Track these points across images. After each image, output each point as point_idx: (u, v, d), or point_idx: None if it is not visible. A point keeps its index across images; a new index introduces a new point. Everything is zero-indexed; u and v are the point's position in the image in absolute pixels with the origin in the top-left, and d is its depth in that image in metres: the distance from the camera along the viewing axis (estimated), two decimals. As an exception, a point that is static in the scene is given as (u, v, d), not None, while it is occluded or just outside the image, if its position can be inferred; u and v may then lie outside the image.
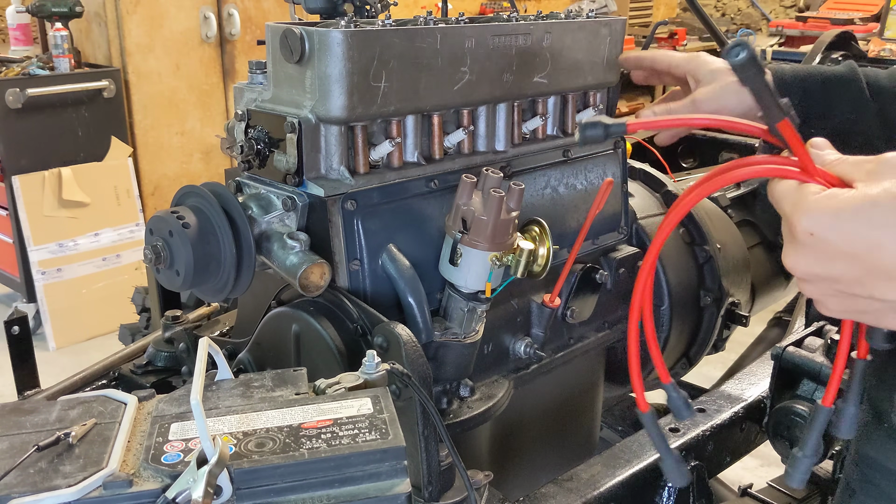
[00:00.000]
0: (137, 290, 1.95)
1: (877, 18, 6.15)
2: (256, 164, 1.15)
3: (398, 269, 1.13)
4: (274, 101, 1.15)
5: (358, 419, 0.79)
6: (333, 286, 1.11)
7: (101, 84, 4.05)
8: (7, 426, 0.81)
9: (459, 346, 1.14)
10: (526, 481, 1.40)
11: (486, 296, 1.13)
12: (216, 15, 4.47)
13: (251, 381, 0.90)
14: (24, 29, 4.43)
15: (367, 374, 0.89)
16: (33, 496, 0.69)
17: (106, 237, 4.21)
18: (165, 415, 0.82)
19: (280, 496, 0.73)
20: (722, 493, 1.96)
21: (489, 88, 1.24)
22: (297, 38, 1.07)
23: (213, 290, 1.13)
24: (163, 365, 1.45)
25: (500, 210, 1.06)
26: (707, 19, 1.97)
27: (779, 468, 2.20)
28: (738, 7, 8.30)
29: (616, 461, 1.24)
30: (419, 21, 1.17)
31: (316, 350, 1.09)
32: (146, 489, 0.71)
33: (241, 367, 1.20)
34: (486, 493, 1.11)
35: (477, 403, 1.20)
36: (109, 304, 4.09)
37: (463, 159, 1.26)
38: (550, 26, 1.29)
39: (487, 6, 6.41)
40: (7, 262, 4.19)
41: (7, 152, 3.90)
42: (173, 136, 4.49)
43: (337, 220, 1.12)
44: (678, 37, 6.68)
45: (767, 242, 1.94)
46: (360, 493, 0.74)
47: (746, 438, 1.45)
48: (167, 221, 1.08)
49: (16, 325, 1.43)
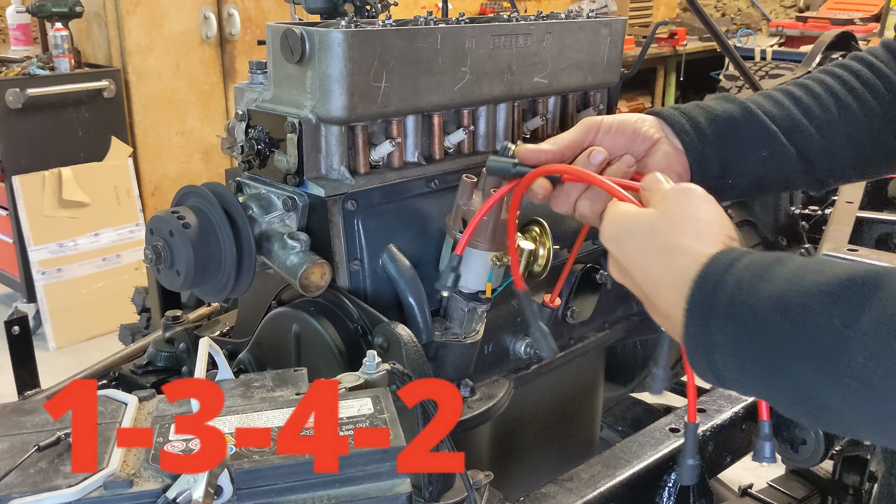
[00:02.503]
0: (137, 290, 1.95)
1: (877, 18, 6.16)
2: (257, 165, 1.15)
3: (398, 269, 1.13)
4: (274, 101, 1.15)
5: (358, 419, 0.79)
6: (334, 286, 1.11)
7: (101, 84, 4.05)
8: (7, 426, 0.81)
9: (460, 346, 1.14)
10: (526, 481, 1.40)
11: (487, 296, 1.13)
12: (216, 15, 4.47)
13: (252, 382, 0.90)
14: (24, 29, 4.43)
15: (367, 374, 0.89)
16: (34, 496, 0.69)
17: (106, 237, 4.21)
18: (166, 415, 0.82)
19: (280, 496, 0.73)
20: (722, 493, 1.96)
21: (489, 88, 1.24)
22: (297, 39, 1.07)
23: (214, 290, 1.13)
24: (163, 365, 1.45)
25: (501, 210, 1.06)
26: (707, 19, 1.97)
27: (779, 468, 2.20)
28: (738, 7, 8.30)
29: (616, 461, 1.24)
30: (420, 21, 1.17)
31: (316, 350, 1.09)
32: (147, 489, 0.71)
33: (242, 368, 1.20)
34: (486, 493, 1.11)
35: (477, 403, 1.20)
36: (109, 304, 4.09)
37: (463, 159, 1.26)
38: (551, 26, 1.29)
39: (488, 6, 6.41)
40: (7, 262, 4.19)
41: (7, 152, 3.90)
42: (173, 136, 4.49)
43: (337, 220, 1.12)
44: (678, 37, 6.68)
45: (767, 242, 1.94)
46: (361, 493, 0.74)
47: (746, 438, 1.45)
48: (168, 221, 1.08)
49: (16, 325, 1.43)
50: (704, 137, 1.06)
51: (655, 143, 1.04)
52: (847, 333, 0.63)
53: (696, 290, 0.73)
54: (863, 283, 0.65)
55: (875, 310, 0.63)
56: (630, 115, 1.05)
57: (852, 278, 0.66)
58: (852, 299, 0.65)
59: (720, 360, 0.73)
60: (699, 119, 1.07)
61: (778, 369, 0.69)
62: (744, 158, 1.08)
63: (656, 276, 0.79)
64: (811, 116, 1.10)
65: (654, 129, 1.05)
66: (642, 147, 1.04)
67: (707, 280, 0.73)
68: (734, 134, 1.07)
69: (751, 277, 0.71)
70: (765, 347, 0.69)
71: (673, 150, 1.05)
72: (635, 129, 1.03)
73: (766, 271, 0.70)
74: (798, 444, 1.38)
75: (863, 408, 0.65)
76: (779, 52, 5.89)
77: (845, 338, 0.64)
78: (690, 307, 0.74)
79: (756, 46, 6.07)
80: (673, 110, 1.08)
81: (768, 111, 1.09)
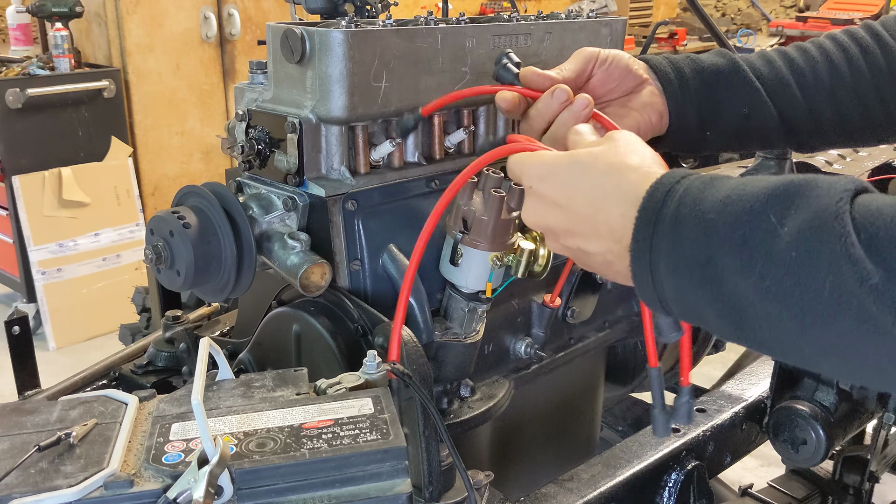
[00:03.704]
0: (138, 290, 1.95)
1: (877, 18, 6.15)
2: (257, 165, 1.15)
3: (399, 269, 1.13)
4: (274, 101, 1.15)
5: (359, 419, 0.79)
6: (334, 286, 1.11)
7: (101, 84, 4.06)
8: (8, 426, 0.81)
9: (460, 346, 1.14)
10: (526, 481, 1.40)
11: (487, 296, 1.13)
12: (216, 15, 4.47)
13: (252, 382, 0.90)
14: (24, 29, 4.43)
15: (367, 374, 0.89)
16: (34, 496, 0.69)
17: (106, 237, 4.21)
18: (166, 415, 0.82)
19: (281, 496, 0.73)
20: (722, 493, 1.96)
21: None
22: (297, 39, 1.07)
23: (214, 290, 1.13)
24: (163, 365, 1.45)
25: (501, 210, 1.06)
26: (707, 19, 1.97)
27: (779, 468, 2.20)
28: (739, 7, 8.31)
29: (616, 461, 1.24)
30: (420, 21, 1.17)
31: (317, 350, 1.09)
32: (147, 489, 0.71)
33: (242, 368, 1.21)
34: (486, 493, 1.11)
35: (477, 403, 1.20)
36: (109, 304, 4.10)
37: (464, 159, 1.26)
38: (551, 26, 1.29)
39: (488, 6, 6.41)
40: (7, 262, 4.19)
41: (7, 152, 3.90)
42: (173, 136, 4.49)
43: (338, 220, 1.12)
44: (678, 37, 6.68)
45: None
46: (361, 494, 0.74)
47: (747, 438, 1.45)
48: (168, 221, 1.08)
49: (16, 325, 1.43)
50: (686, 87, 1.11)
51: (643, 82, 1.12)
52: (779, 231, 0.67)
53: (647, 198, 0.77)
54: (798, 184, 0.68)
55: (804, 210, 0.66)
56: (624, 52, 1.12)
57: (790, 181, 0.69)
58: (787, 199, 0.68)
59: (662, 268, 0.75)
60: (684, 69, 1.13)
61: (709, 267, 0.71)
62: (722, 112, 1.12)
63: (602, 195, 0.81)
64: (800, 76, 1.13)
65: (644, 70, 1.12)
66: (632, 83, 1.11)
67: (658, 190, 0.77)
68: (716, 86, 1.12)
69: (699, 186, 0.75)
70: (700, 245, 0.72)
71: (658, 92, 1.12)
72: (627, 65, 1.11)
73: (714, 181, 0.75)
74: (798, 444, 1.38)
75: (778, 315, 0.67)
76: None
77: (776, 234, 0.67)
78: (640, 215, 0.76)
79: (756, 46, 6.08)
80: (662, 58, 1.14)
81: (756, 68, 1.13)
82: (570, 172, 0.84)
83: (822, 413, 1.36)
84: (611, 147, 0.84)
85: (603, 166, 0.82)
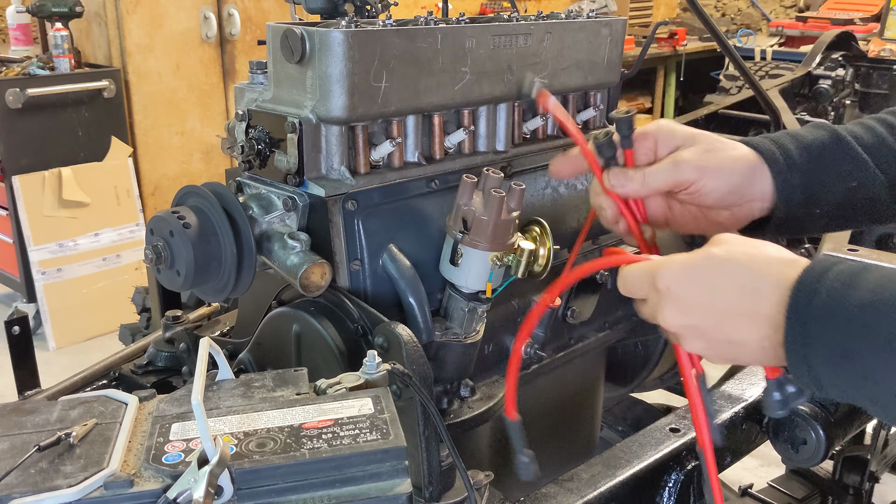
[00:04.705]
0: (138, 290, 1.95)
1: (877, 18, 6.16)
2: (257, 165, 1.15)
3: (399, 269, 1.13)
4: (275, 101, 1.15)
5: (359, 419, 0.79)
6: (334, 286, 1.11)
7: (101, 84, 4.06)
8: (8, 426, 0.81)
9: (460, 346, 1.14)
10: (526, 481, 1.40)
11: (487, 296, 1.13)
12: (216, 15, 4.47)
13: (252, 382, 0.90)
14: (24, 29, 4.43)
15: (367, 374, 0.89)
16: (34, 496, 0.69)
17: (106, 237, 4.21)
18: (166, 415, 0.82)
19: (281, 496, 0.73)
20: (722, 494, 1.96)
21: (490, 88, 1.24)
22: (297, 39, 1.07)
23: (214, 290, 1.13)
24: (163, 365, 1.45)
25: (501, 210, 1.06)
26: (707, 19, 1.97)
27: (779, 468, 2.20)
28: (739, 7, 8.30)
29: (616, 461, 1.24)
30: (420, 21, 1.17)
31: (317, 350, 1.09)
32: (147, 489, 0.71)
33: (242, 368, 1.20)
34: (486, 493, 1.11)
35: (477, 403, 1.20)
36: (109, 304, 4.10)
37: (464, 159, 1.26)
38: (551, 26, 1.29)
39: (488, 6, 6.41)
40: (7, 262, 4.19)
41: (7, 152, 3.90)
42: (173, 136, 4.49)
43: (338, 220, 1.12)
44: (678, 37, 6.68)
45: (768, 242, 1.94)
46: (361, 494, 0.74)
47: (746, 438, 1.45)
48: (168, 221, 1.08)
49: (16, 325, 1.43)
50: (793, 164, 1.06)
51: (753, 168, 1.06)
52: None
53: (794, 298, 0.79)
54: None
55: None
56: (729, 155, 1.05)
57: None
58: None
59: (817, 363, 0.78)
60: (789, 146, 1.07)
61: (865, 364, 0.75)
62: (831, 186, 1.07)
63: (753, 285, 0.83)
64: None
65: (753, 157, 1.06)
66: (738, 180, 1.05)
67: (802, 289, 0.79)
68: (822, 159, 1.07)
69: (840, 286, 0.78)
70: (855, 347, 0.75)
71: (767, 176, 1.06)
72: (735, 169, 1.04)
73: (854, 279, 0.78)
74: (798, 444, 1.38)
75: None
76: (779, 53, 5.88)
77: None
78: (790, 314, 0.79)
79: (756, 46, 6.07)
80: (762, 139, 1.09)
81: (858, 136, 1.08)
82: (710, 269, 0.85)
83: (822, 413, 1.36)
84: (735, 241, 0.86)
85: (742, 258, 0.84)
